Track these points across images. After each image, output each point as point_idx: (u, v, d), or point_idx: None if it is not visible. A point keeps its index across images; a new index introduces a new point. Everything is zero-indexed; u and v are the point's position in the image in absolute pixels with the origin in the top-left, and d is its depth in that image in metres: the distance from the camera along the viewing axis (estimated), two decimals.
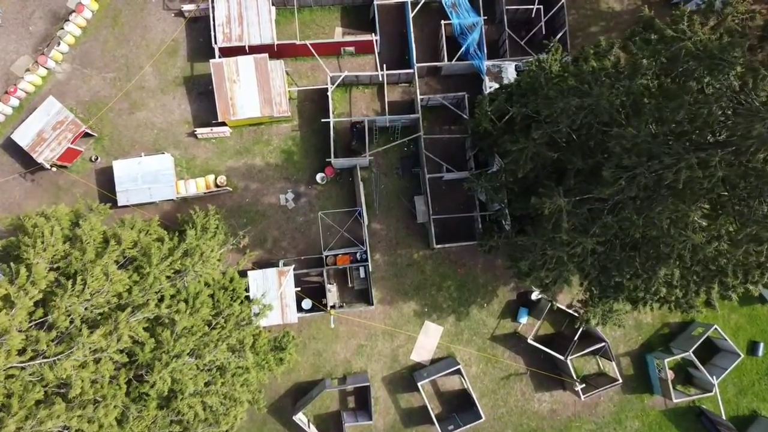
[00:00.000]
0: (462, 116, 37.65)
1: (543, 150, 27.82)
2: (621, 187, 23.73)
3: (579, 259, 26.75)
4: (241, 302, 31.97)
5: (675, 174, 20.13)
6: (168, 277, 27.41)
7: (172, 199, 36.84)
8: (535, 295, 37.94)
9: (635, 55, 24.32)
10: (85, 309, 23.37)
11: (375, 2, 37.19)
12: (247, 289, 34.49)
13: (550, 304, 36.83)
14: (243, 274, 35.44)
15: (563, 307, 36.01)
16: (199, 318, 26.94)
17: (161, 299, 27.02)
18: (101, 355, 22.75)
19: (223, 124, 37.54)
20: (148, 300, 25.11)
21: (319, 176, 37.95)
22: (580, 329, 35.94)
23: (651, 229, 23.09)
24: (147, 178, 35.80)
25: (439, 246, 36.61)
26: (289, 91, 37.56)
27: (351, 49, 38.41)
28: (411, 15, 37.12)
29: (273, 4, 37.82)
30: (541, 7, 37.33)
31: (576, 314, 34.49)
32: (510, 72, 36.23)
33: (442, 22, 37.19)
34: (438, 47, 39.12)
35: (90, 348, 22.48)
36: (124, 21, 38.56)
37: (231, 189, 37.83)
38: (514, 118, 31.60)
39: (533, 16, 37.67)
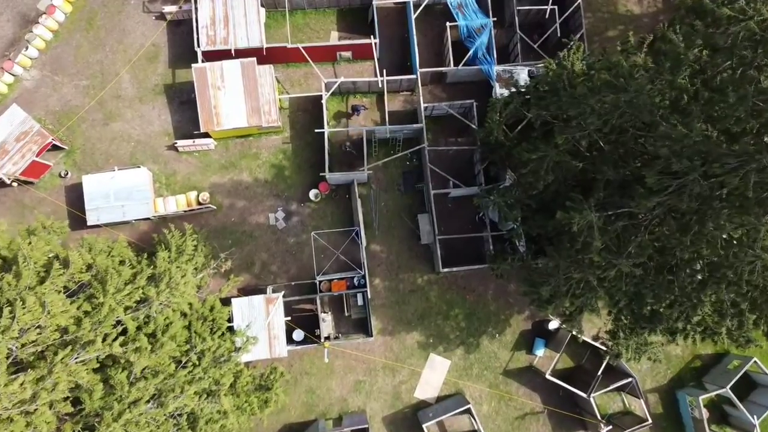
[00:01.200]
0: (470, 126, 34.18)
1: (566, 158, 24.26)
2: (665, 198, 20.09)
3: (611, 285, 22.99)
4: (222, 334, 28.04)
5: (742, 179, 16.53)
6: (128, 308, 23.46)
7: (149, 219, 33.18)
8: (552, 325, 34.05)
9: (676, 45, 20.87)
10: (14, 347, 19.21)
11: (374, 3, 33.99)
12: (230, 319, 30.64)
13: (570, 336, 32.97)
14: (226, 302, 31.65)
15: (589, 340, 32.06)
16: (165, 355, 22.92)
17: (123, 332, 23.03)
18: (29, 407, 18.49)
19: (207, 135, 34.08)
20: (97, 336, 20.94)
21: (312, 193, 34.35)
22: (605, 363, 32.05)
23: (703, 248, 19.38)
24: (120, 194, 32.15)
25: (445, 270, 32.85)
26: (279, 99, 34.16)
27: (348, 54, 35.12)
28: (413, 17, 33.91)
29: (262, 6, 34.65)
30: (556, 7, 34.16)
31: (604, 348, 30.55)
32: (522, 78, 32.85)
33: (448, 24, 33.98)
34: (443, 52, 35.86)
35: (11, 400, 18.21)
36: (99, 24, 35.32)
37: (215, 207, 34.20)
38: (531, 124, 28.16)
39: (547, 17, 34.47)
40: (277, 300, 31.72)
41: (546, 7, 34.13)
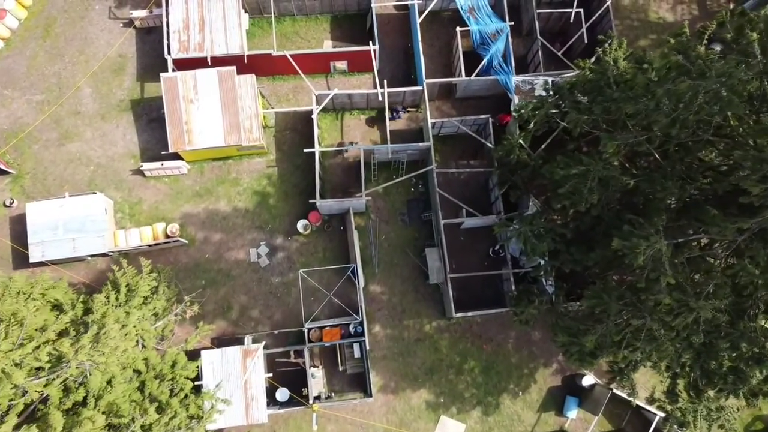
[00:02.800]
0: (485, 145, 29.34)
1: (615, 173, 19.24)
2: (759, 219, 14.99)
3: (685, 333, 17.66)
4: (186, 397, 22.49)
5: None
6: (39, 369, 17.97)
7: (108, 255, 27.95)
8: (587, 381, 28.48)
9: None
10: None
11: (373, 5, 29.58)
12: (198, 377, 25.12)
13: (609, 394, 27.39)
14: (196, 355, 26.20)
15: (644, 405, 26.34)
16: None
17: (30, 404, 17.53)
18: None
19: (179, 157, 29.18)
20: None
21: (300, 224, 29.23)
22: (653, 427, 26.42)
23: None
24: (71, 225, 27.01)
25: (458, 315, 27.47)
26: (263, 115, 29.40)
27: (343, 64, 30.54)
28: (418, 21, 29.46)
29: (245, 11, 30.26)
30: (581, 10, 29.77)
31: (662, 414, 24.88)
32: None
33: (458, 29, 29.50)
34: (452, 63, 31.34)
35: None
36: (58, 32, 30.83)
37: (186, 241, 29.03)
38: (559, 140, 23.40)
39: (571, 21, 30.03)
40: (256, 352, 26.24)
41: (570, 10, 29.71)
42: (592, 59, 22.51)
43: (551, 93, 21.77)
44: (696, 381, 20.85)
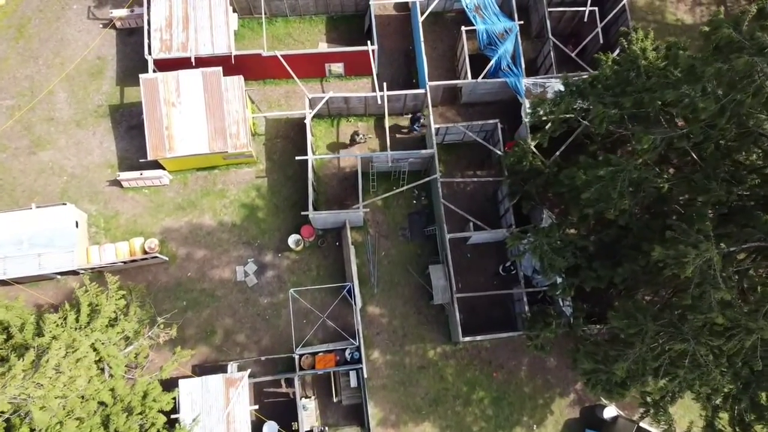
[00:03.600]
0: (494, 152, 26.98)
1: (649, 174, 16.77)
2: None
3: (739, 359, 15.01)
4: None
5: None
6: None
7: (78, 272, 25.32)
8: (609, 413, 25.67)
9: None
10: None
11: (371, 3, 27.43)
12: (175, 409, 22.33)
13: (636, 428, 24.56)
14: (173, 384, 23.44)
15: None
16: None
17: None
18: None
19: (159, 166, 26.75)
20: None
21: (292, 239, 26.66)
22: None
23: None
24: (38, 240, 24.44)
25: (466, 339, 24.77)
26: (253, 121, 27.06)
27: (339, 67, 28.31)
28: (420, 20, 27.30)
29: (234, 11, 28.14)
30: (596, 9, 27.66)
31: None
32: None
33: (463, 28, 27.34)
34: (456, 67, 29.13)
35: None
36: (32, 32, 28.64)
37: (166, 258, 26.43)
38: (584, 141, 21.03)
39: (585, 20, 27.88)
40: (241, 381, 23.48)
41: (584, 9, 27.60)
42: (615, 53, 20.21)
43: (571, 88, 19.39)
44: (742, 415, 18.10)
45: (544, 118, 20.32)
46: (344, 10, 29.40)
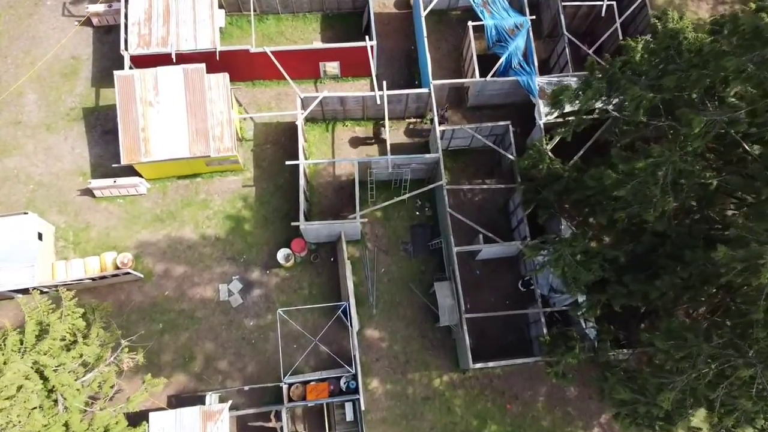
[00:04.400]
0: (504, 160, 24.53)
1: (696, 166, 14.20)
2: None
3: None
4: None
5: None
6: None
7: (42, 290, 22.53)
8: None
9: None
10: None
11: (370, 1, 25.18)
12: None
13: None
14: (144, 417, 20.52)
15: None
16: None
17: None
18: None
19: (137, 174, 24.22)
20: None
21: (281, 254, 23.97)
22: None
23: None
24: None
25: (477, 366, 21.89)
26: (240, 126, 24.62)
27: (334, 67, 25.99)
28: (423, 14, 25.04)
29: (221, 7, 25.93)
30: (614, 3, 25.46)
31: None
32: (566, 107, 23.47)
33: (470, 23, 25.08)
34: (463, 68, 26.83)
35: None
36: (1, 29, 26.37)
37: (141, 275, 23.71)
38: (611, 137, 18.55)
39: (603, 15, 25.64)
40: (221, 414, 20.57)
41: (600, 3, 25.39)
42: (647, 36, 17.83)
43: (598, 76, 16.93)
44: None
45: (567, 109, 17.78)
46: (341, 7, 27.20)
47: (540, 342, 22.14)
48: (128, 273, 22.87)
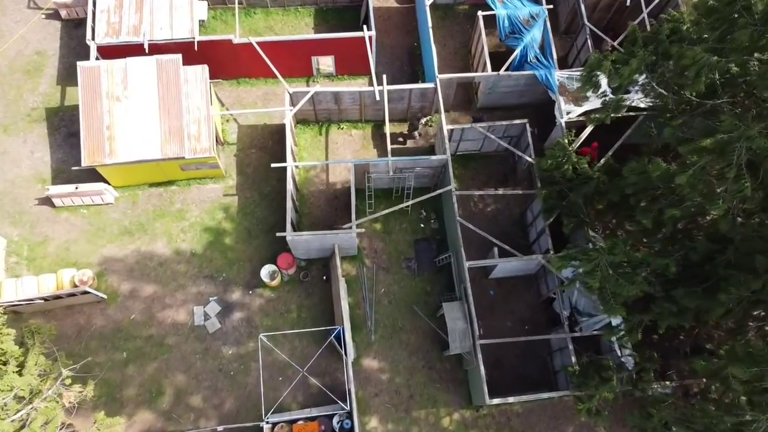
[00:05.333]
0: (520, 164, 21.64)
1: None
2: None
3: None
4: None
5: None
6: None
7: None
8: None
9: None
10: None
11: None
12: None
13: None
14: None
15: None
16: None
17: None
18: None
19: (103, 180, 21.29)
20: None
21: (266, 271, 20.82)
22: None
23: None
24: None
25: (495, 401, 18.47)
26: (222, 126, 21.77)
27: (329, 63, 23.31)
28: (427, 2, 22.40)
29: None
30: None
31: None
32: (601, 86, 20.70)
33: (480, 13, 22.45)
34: (471, 66, 24.17)
35: None
36: None
37: (104, 296, 20.56)
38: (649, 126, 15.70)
39: (628, 4, 23.02)
40: None
41: None
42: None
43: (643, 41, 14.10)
44: None
45: (604, 87, 14.88)
46: (336, 0, 24.66)
47: (568, 373, 18.79)
48: (87, 292, 19.69)
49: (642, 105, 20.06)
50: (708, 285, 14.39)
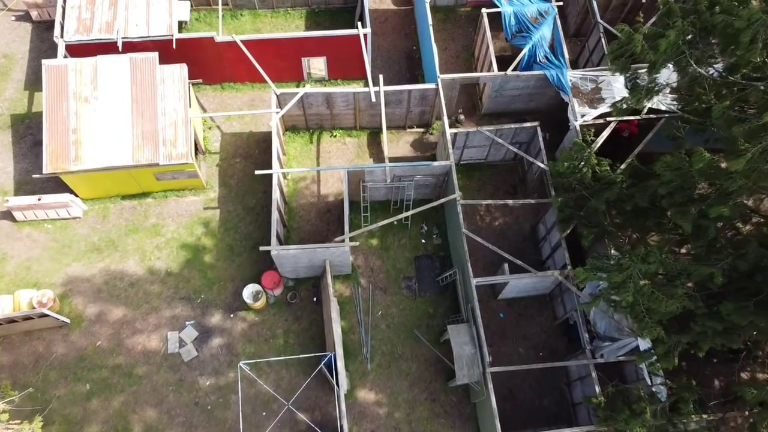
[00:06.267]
0: (530, 173, 19.68)
1: None
2: None
3: None
4: None
5: None
6: None
7: None
8: None
9: None
10: None
11: None
12: None
13: None
14: None
15: None
16: None
17: None
18: None
19: (68, 189, 19.22)
20: None
21: (249, 291, 18.60)
22: None
23: None
24: None
25: None
26: (203, 133, 19.82)
27: (320, 67, 21.51)
28: (427, 4, 20.70)
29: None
30: None
31: None
32: (618, 88, 18.89)
33: (484, 11, 20.76)
34: (475, 70, 22.39)
35: None
36: None
37: (66, 320, 18.30)
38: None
39: (644, 1, 21.38)
40: None
41: None
42: None
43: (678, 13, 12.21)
44: None
45: (641, 55, 12.82)
46: (329, 0, 23.01)
47: (591, 405, 16.40)
48: (46, 315, 17.41)
49: (663, 107, 18.43)
50: (761, 298, 12.22)
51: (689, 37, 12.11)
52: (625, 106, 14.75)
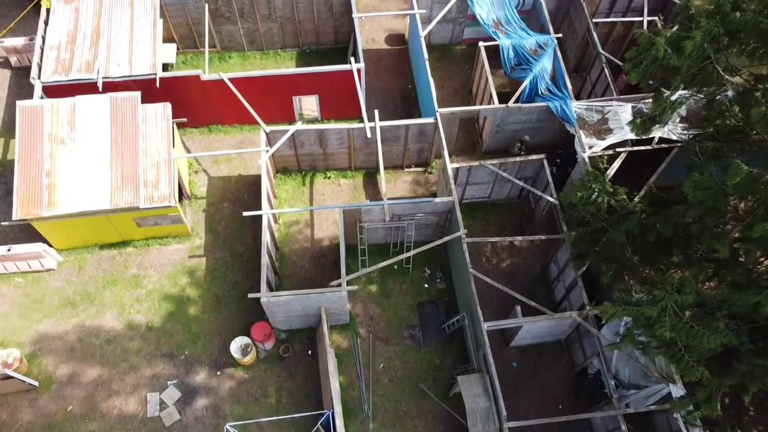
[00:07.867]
0: (537, 210, 18.42)
1: None
2: None
3: None
4: None
5: None
6: None
7: None
8: None
9: None
10: None
11: (354, 16, 20.14)
12: None
13: None
14: None
15: None
16: None
17: None
18: None
19: (40, 238, 17.79)
20: None
21: (237, 345, 16.92)
22: None
23: None
24: None
25: None
26: (187, 176, 18.63)
27: (312, 107, 20.57)
28: (422, 34, 19.94)
29: (172, 41, 20.99)
30: (657, 19, 20.61)
31: None
32: (625, 118, 17.94)
33: (481, 44, 20.03)
34: (475, 100, 21.52)
35: None
36: None
37: (35, 383, 16.51)
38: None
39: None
40: None
41: (641, 19, 20.59)
42: None
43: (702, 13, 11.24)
44: None
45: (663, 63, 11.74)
46: (320, 41, 22.37)
47: None
48: (10, 377, 15.64)
49: (674, 137, 17.45)
50: None
51: (719, 31, 11.06)
52: (643, 120, 13.64)
